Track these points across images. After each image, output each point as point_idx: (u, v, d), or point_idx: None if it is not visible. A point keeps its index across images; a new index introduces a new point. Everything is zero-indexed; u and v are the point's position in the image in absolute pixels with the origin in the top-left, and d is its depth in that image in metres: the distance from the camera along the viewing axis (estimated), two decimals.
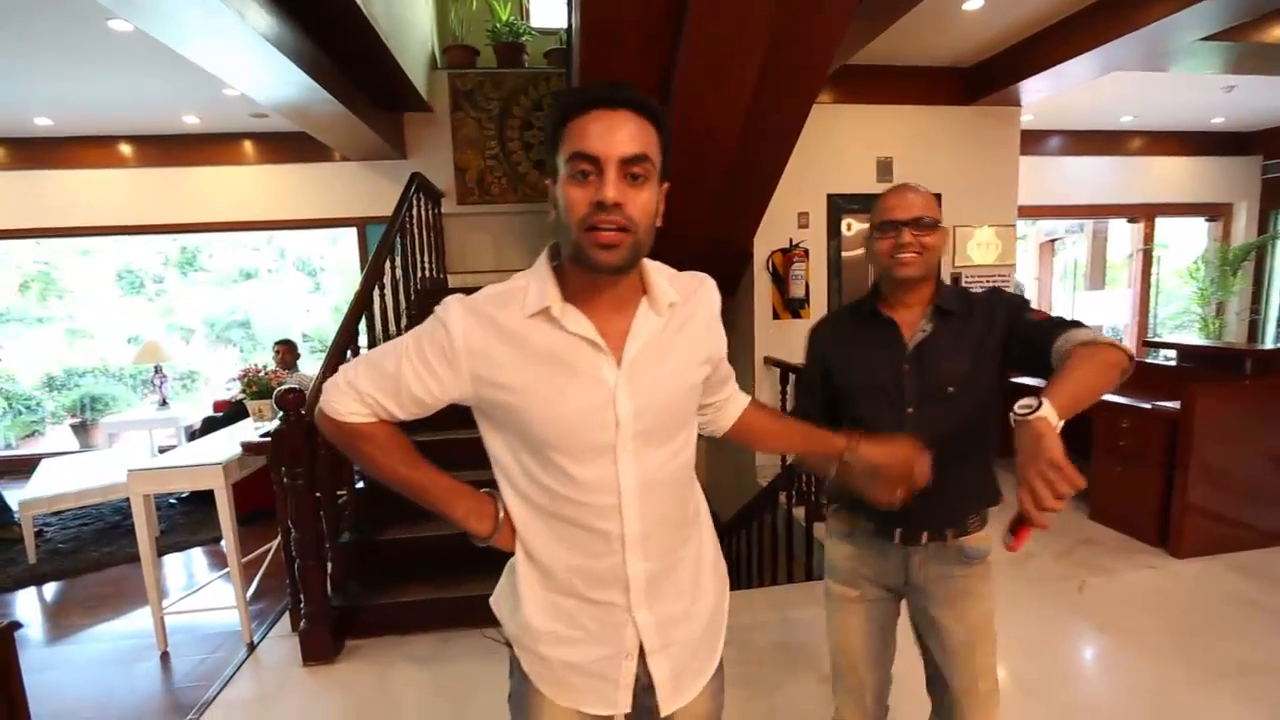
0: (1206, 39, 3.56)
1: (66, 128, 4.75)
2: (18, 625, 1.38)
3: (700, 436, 1.08)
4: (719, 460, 5.44)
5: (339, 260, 8.61)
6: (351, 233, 5.45)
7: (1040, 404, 0.90)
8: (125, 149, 5.03)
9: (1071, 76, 4.07)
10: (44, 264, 7.46)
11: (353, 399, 0.87)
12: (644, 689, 0.93)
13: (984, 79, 4.35)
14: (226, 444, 2.75)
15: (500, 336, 0.84)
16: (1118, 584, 2.82)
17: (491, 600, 1.01)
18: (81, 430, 5.80)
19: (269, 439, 2.33)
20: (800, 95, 3.03)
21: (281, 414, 2.26)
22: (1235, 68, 4.19)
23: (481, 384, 0.85)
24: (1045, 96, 4.45)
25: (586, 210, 0.77)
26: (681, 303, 0.91)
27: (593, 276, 0.83)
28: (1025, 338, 1.17)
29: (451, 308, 0.85)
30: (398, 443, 0.90)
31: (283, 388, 2.33)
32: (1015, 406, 0.92)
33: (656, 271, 0.91)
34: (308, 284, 9.04)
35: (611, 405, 0.84)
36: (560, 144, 0.79)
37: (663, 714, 0.94)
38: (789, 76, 2.86)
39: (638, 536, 0.88)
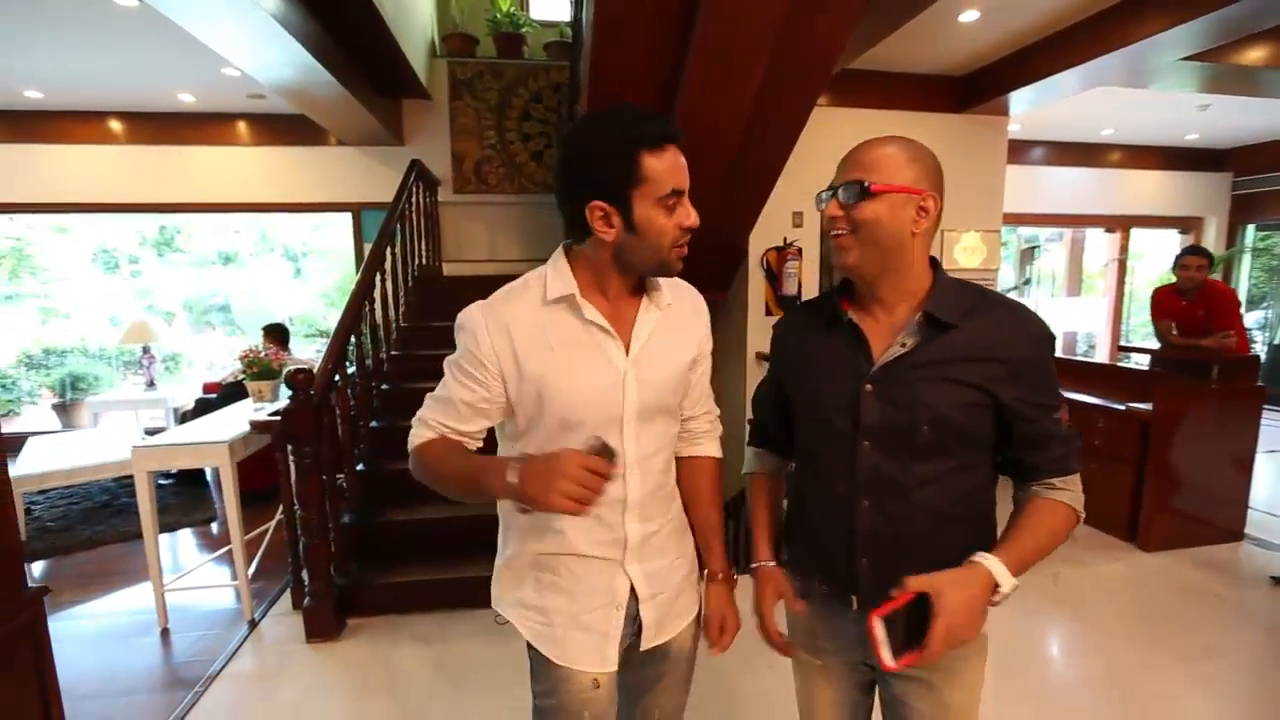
0: (1186, 59, 3.72)
1: (57, 101, 4.66)
2: (46, 590, 1.42)
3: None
4: None
5: (324, 245, 8.53)
6: (336, 218, 5.41)
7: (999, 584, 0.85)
8: (116, 125, 4.94)
9: (1058, 89, 4.21)
10: (16, 240, 7.27)
11: (421, 429, 1.01)
12: (631, 632, 1.06)
13: (975, 88, 4.48)
14: (228, 424, 2.77)
15: (519, 326, 0.94)
16: (1089, 575, 2.97)
17: (494, 585, 1.10)
18: (63, 410, 5.70)
19: (278, 417, 2.36)
20: (802, 97, 3.12)
21: (292, 393, 2.29)
22: (1211, 87, 4.37)
23: (510, 374, 0.95)
24: (1032, 108, 4.60)
25: (677, 234, 0.93)
26: (675, 304, 1.06)
27: (621, 275, 0.97)
28: (1023, 435, 0.92)
29: (471, 314, 0.97)
30: (450, 446, 1.00)
31: (291, 368, 2.37)
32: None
33: (656, 278, 1.05)
34: (289, 269, 8.93)
35: (621, 385, 0.97)
36: (641, 177, 0.89)
37: (643, 648, 1.06)
38: (793, 78, 2.94)
39: (636, 501, 1.01)
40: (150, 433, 4.39)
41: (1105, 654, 2.35)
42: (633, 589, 1.03)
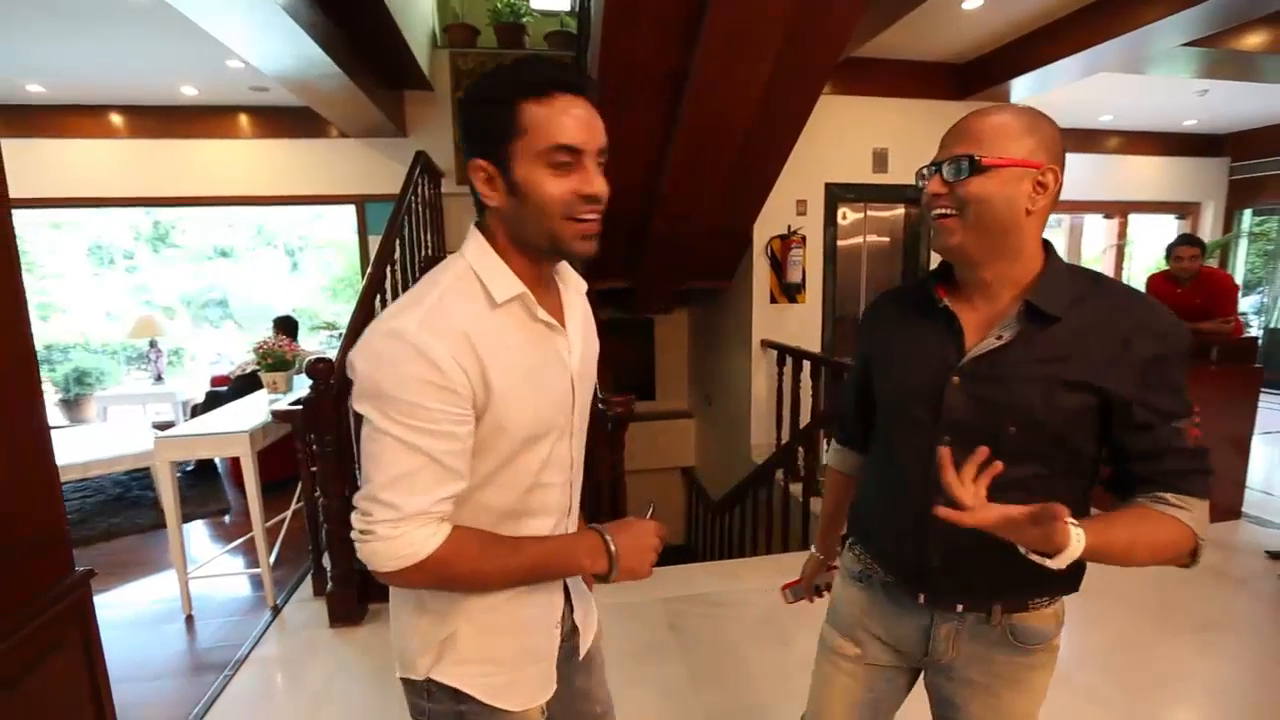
0: (1186, 45, 3.76)
1: (58, 95, 4.64)
2: (92, 573, 1.45)
3: (691, 416, 1.19)
4: (710, 440, 5.59)
5: (322, 238, 8.53)
6: (333, 211, 5.41)
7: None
8: (117, 119, 4.93)
9: (1059, 76, 4.25)
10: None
11: (418, 525, 0.73)
12: (566, 638, 0.98)
13: (977, 75, 4.51)
14: (246, 415, 2.80)
15: (479, 335, 0.75)
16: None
17: (407, 653, 0.89)
18: (70, 405, 5.71)
19: (299, 407, 2.40)
20: (809, 85, 3.15)
21: (312, 382, 2.32)
22: (1210, 72, 4.41)
23: (479, 396, 0.75)
24: (1032, 94, 4.63)
25: (569, 203, 0.75)
26: (575, 286, 0.93)
27: (539, 262, 0.81)
28: (1133, 445, 0.80)
29: (409, 337, 0.71)
30: (482, 539, 0.79)
31: (310, 358, 2.40)
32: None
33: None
34: (286, 264, 8.92)
35: (571, 386, 0.86)
36: (520, 129, 0.73)
37: (583, 653, 1.01)
38: (800, 67, 2.97)
39: (575, 505, 0.95)
40: (159, 426, 4.41)
41: (1113, 626, 2.42)
42: (567, 597, 0.96)
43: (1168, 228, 7.18)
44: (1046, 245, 0.87)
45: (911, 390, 0.90)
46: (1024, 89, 4.50)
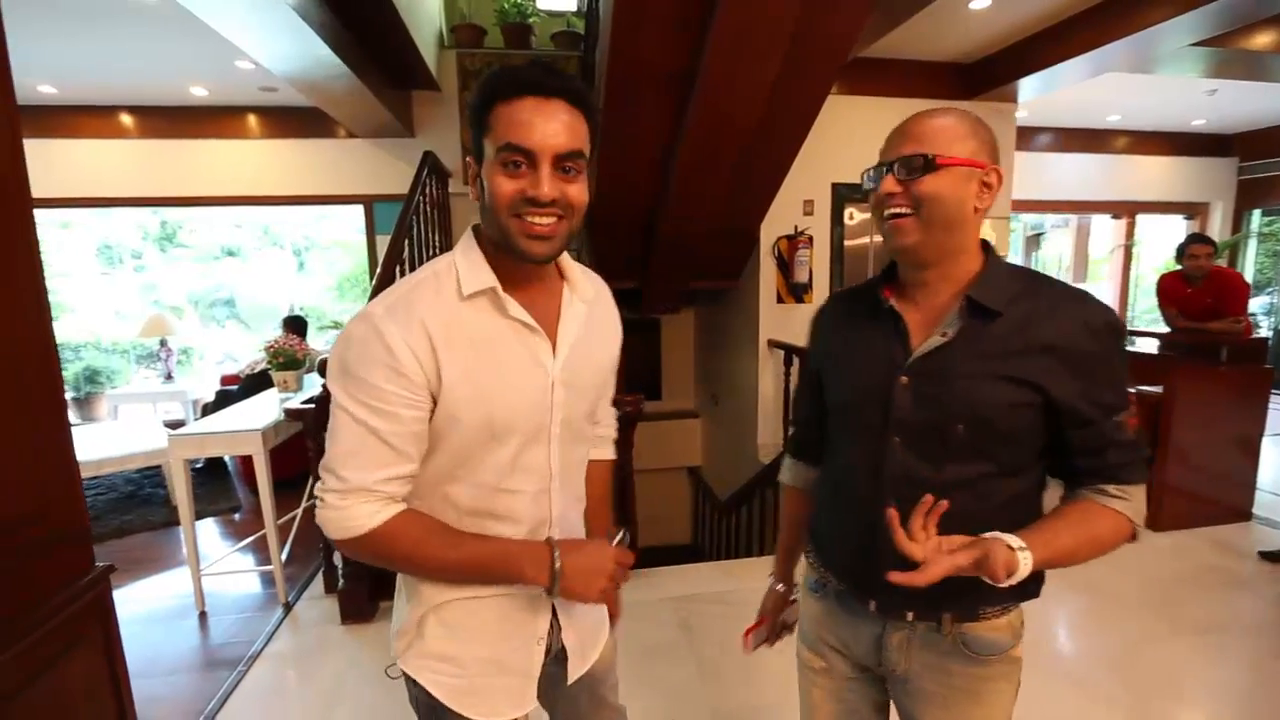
0: (1194, 44, 3.74)
1: (69, 96, 4.68)
2: (112, 568, 1.47)
3: (697, 416, 1.14)
4: (717, 439, 5.60)
5: (328, 238, 8.57)
6: (339, 211, 5.43)
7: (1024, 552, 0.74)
8: (127, 119, 4.96)
9: (1067, 76, 4.24)
10: None
11: (362, 500, 0.77)
12: (554, 660, 0.96)
13: (984, 75, 4.51)
14: (257, 413, 2.82)
15: (436, 323, 0.78)
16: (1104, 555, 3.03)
17: (392, 634, 0.94)
18: (81, 404, 5.76)
19: (311, 405, 2.42)
20: (817, 86, 3.15)
21: (325, 381, 2.35)
22: (1218, 72, 4.40)
23: (431, 381, 0.78)
24: (1040, 95, 4.63)
25: (514, 199, 0.75)
26: (595, 298, 0.93)
27: (519, 263, 0.81)
28: (1076, 439, 0.83)
29: (371, 321, 0.76)
30: (426, 526, 0.81)
31: (321, 357, 2.42)
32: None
33: (571, 262, 0.91)
34: (293, 263, 8.97)
35: (549, 391, 0.85)
36: (488, 127, 0.75)
37: (570, 681, 0.97)
38: (808, 67, 2.97)
39: (558, 519, 0.91)
40: (170, 425, 4.44)
41: (1120, 628, 2.42)
42: (554, 618, 0.93)
43: (1176, 228, 7.16)
44: (985, 245, 0.89)
45: (862, 391, 0.90)
46: (1031, 89, 4.49)
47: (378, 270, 3.34)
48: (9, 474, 1.17)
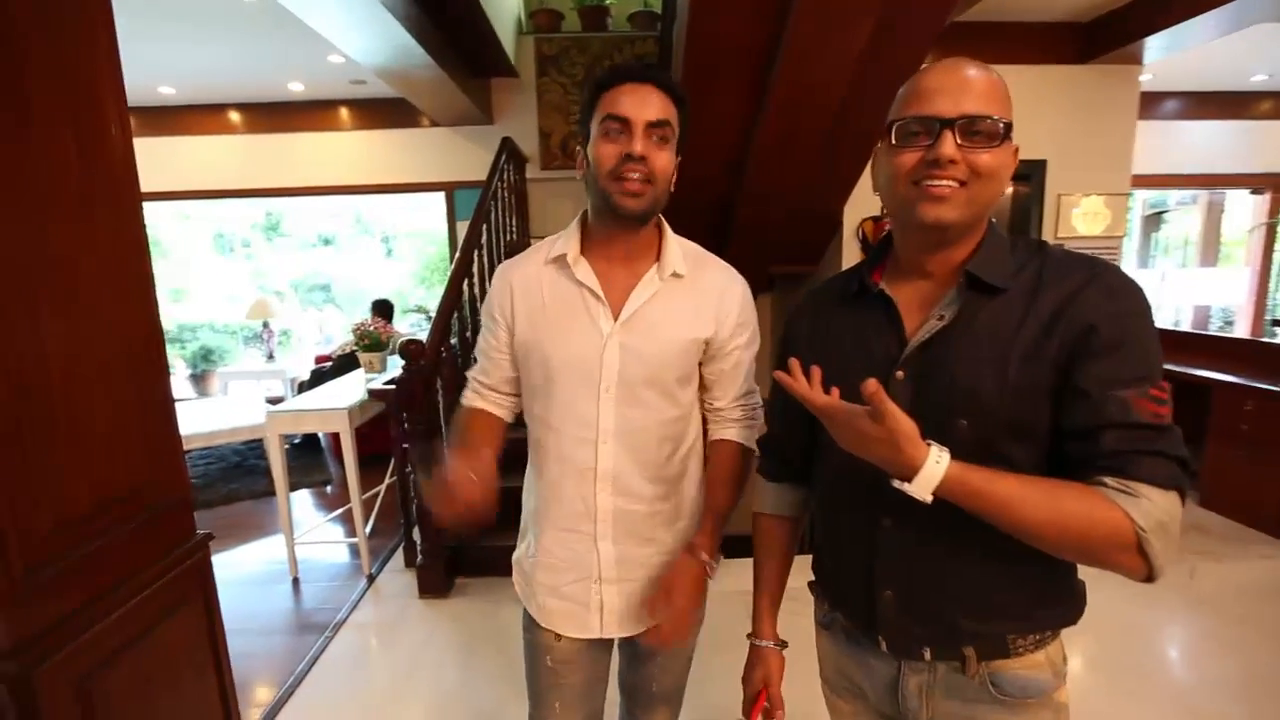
0: None
1: (185, 96, 5.07)
2: (211, 536, 1.56)
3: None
4: None
5: (414, 227, 8.94)
6: (425, 200, 5.60)
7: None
8: (235, 116, 5.32)
9: (1203, 30, 3.74)
10: (149, 227, 8.05)
11: (467, 390, 1.12)
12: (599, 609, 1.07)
13: (1102, 35, 4.06)
14: (344, 392, 2.95)
15: (520, 281, 1.01)
16: (1233, 573, 2.70)
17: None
18: (197, 380, 6.30)
19: (392, 386, 2.50)
20: (912, 53, 2.92)
21: (405, 362, 2.41)
22: None
23: (510, 328, 1.03)
24: (1169, 54, 4.12)
25: (615, 162, 0.89)
26: (692, 280, 1.00)
27: (612, 230, 0.96)
28: (1071, 419, 0.67)
29: (498, 268, 1.06)
30: (466, 420, 1.09)
31: (404, 339, 2.49)
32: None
33: (676, 242, 1.02)
34: (381, 250, 9.42)
35: (601, 352, 0.96)
36: (595, 112, 0.92)
37: (602, 635, 1.05)
38: (902, 33, 2.76)
39: (609, 473, 0.98)
40: (271, 401, 4.77)
41: (1247, 655, 2.14)
42: (599, 569, 1.02)
43: None
44: None
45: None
46: (1158, 49, 4.01)
47: (457, 254, 3.41)
48: (121, 450, 1.25)
